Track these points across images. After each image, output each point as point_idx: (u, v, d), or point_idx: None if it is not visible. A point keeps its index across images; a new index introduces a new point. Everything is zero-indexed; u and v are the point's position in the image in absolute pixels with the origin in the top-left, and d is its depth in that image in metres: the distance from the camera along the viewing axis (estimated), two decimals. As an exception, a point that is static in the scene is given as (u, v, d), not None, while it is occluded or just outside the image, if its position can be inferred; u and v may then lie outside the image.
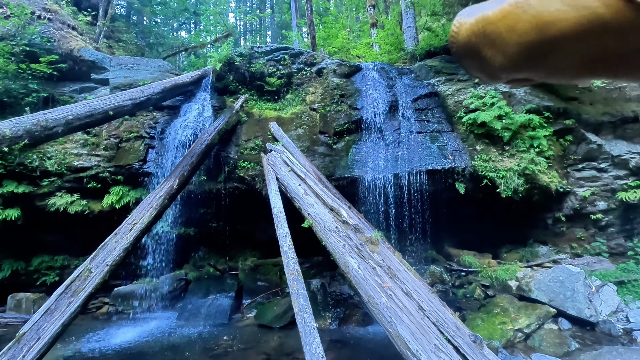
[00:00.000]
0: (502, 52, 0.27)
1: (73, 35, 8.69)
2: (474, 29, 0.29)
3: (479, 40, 0.29)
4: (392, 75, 8.09)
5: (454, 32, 0.32)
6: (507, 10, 0.26)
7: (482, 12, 0.29)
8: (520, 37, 0.25)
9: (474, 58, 0.30)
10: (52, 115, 5.11)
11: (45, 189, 6.70)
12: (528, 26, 0.25)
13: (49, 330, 3.53)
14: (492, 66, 0.29)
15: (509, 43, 0.26)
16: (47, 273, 7.27)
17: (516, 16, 0.26)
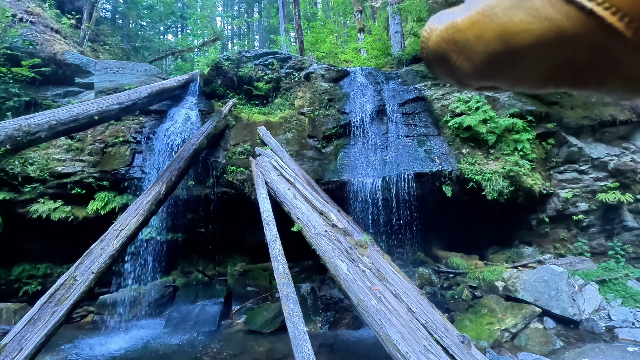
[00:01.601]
0: (470, 59, 0.27)
1: (56, 39, 8.52)
2: (443, 36, 0.30)
3: (449, 47, 0.29)
4: (379, 80, 8.19)
5: (424, 38, 0.32)
6: (475, 19, 0.27)
7: (451, 18, 0.29)
8: (486, 46, 0.26)
9: (444, 64, 0.30)
10: (35, 120, 5.00)
11: (27, 195, 6.52)
12: (494, 36, 0.25)
13: (32, 340, 3.43)
14: (460, 73, 0.29)
15: (476, 51, 0.27)
16: (28, 282, 7.05)
17: (483, 25, 0.26)
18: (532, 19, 0.22)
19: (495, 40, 0.25)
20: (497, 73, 0.27)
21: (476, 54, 0.27)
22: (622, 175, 6.70)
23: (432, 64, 0.32)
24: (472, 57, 0.27)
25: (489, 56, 0.26)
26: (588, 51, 0.20)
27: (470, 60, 0.27)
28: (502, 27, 0.24)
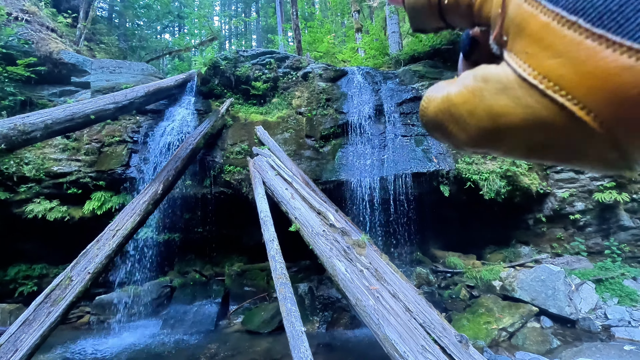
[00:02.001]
0: (464, 131, 0.29)
1: (52, 38, 8.46)
2: (440, 107, 0.32)
3: (445, 118, 0.31)
4: (377, 80, 8.19)
5: (423, 107, 0.34)
6: (467, 97, 0.29)
7: (447, 91, 0.32)
8: (478, 122, 0.28)
9: (441, 131, 0.33)
10: (31, 119, 4.96)
11: (22, 195, 6.48)
12: (484, 115, 0.27)
13: (27, 341, 3.40)
14: (456, 140, 0.32)
15: (470, 124, 0.29)
16: (24, 283, 7.00)
17: (474, 104, 0.28)
18: (515, 105, 0.25)
19: (486, 118, 0.27)
20: (488, 144, 0.29)
21: (470, 127, 0.29)
22: (619, 175, 6.72)
23: (430, 130, 0.35)
24: (466, 129, 0.30)
25: (481, 131, 0.28)
26: (565, 136, 0.23)
27: (465, 131, 0.30)
28: (490, 108, 0.27)
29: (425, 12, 0.36)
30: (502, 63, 0.27)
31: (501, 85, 0.26)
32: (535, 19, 0.24)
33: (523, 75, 0.25)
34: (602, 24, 0.21)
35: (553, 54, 0.23)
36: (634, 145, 0.21)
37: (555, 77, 0.23)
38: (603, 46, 0.21)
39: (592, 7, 0.21)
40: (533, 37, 0.25)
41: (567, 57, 0.22)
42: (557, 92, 0.23)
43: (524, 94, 0.25)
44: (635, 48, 0.19)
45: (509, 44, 0.27)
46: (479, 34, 0.33)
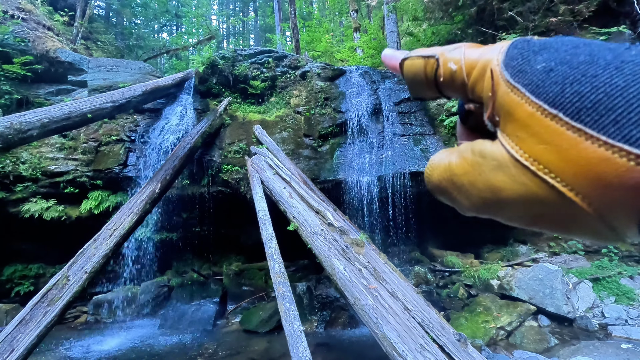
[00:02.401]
0: (467, 199, 0.32)
1: (49, 36, 8.41)
2: (443, 176, 0.34)
3: (449, 185, 0.33)
4: (375, 79, 8.19)
5: (427, 173, 0.37)
6: (467, 169, 0.31)
7: (448, 161, 0.34)
8: (479, 193, 0.30)
9: (446, 197, 0.35)
10: (27, 117, 4.92)
11: (19, 194, 6.43)
12: (484, 187, 0.29)
13: (23, 341, 3.38)
14: (460, 206, 0.34)
15: (472, 194, 0.31)
16: (20, 282, 6.96)
17: (474, 176, 0.30)
18: (512, 182, 0.27)
19: (486, 191, 0.29)
20: (490, 212, 0.31)
21: (472, 196, 0.31)
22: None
23: (436, 194, 0.37)
24: (469, 198, 0.31)
25: (482, 200, 0.30)
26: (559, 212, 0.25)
27: (468, 199, 0.32)
28: (489, 182, 0.29)
29: (422, 84, 0.37)
30: (497, 141, 0.29)
31: (497, 163, 0.28)
32: (522, 108, 0.26)
33: (516, 157, 0.27)
34: (580, 119, 0.23)
35: (540, 141, 0.25)
36: (621, 223, 0.23)
37: (545, 161, 0.25)
38: (582, 138, 0.22)
39: (569, 103, 0.23)
40: (521, 124, 0.26)
41: (553, 144, 0.24)
42: (547, 175, 0.25)
43: (518, 172, 0.26)
44: (609, 143, 0.21)
45: (501, 125, 0.29)
46: (473, 108, 0.35)
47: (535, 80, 0.26)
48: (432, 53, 0.36)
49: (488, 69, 0.30)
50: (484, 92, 0.31)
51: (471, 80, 0.32)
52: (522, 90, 0.26)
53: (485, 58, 0.31)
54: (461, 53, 0.34)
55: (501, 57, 0.29)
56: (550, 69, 0.26)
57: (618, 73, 0.22)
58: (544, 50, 0.27)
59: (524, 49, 0.28)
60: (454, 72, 0.33)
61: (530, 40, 0.29)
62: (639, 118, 0.20)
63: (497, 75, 0.29)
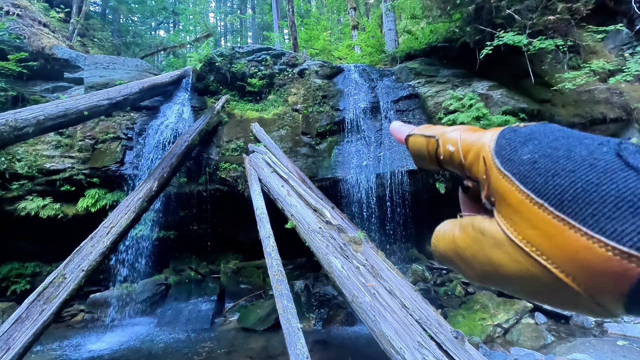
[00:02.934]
0: (471, 270, 0.33)
1: (45, 33, 8.34)
2: (448, 247, 0.36)
3: (454, 256, 0.35)
4: (373, 77, 8.18)
5: (434, 243, 0.39)
6: (468, 243, 0.33)
7: (452, 234, 0.36)
8: (482, 266, 0.32)
9: (452, 266, 0.37)
10: (22, 114, 4.87)
11: (14, 192, 6.39)
12: (485, 261, 0.31)
13: (19, 339, 3.36)
14: (466, 275, 0.35)
15: (475, 266, 0.33)
16: (17, 281, 6.93)
17: (475, 250, 0.32)
18: (509, 260, 0.28)
19: (487, 265, 0.31)
20: (493, 284, 0.33)
21: (475, 268, 0.33)
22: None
23: (442, 263, 0.39)
24: (473, 269, 0.33)
25: (485, 274, 0.32)
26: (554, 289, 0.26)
27: (472, 270, 0.33)
28: (490, 258, 0.30)
29: (425, 159, 0.41)
30: (494, 220, 0.31)
31: (495, 241, 0.30)
32: (513, 194, 0.28)
33: (511, 238, 0.28)
34: (563, 210, 0.25)
35: (531, 226, 0.27)
36: (609, 303, 0.24)
37: (536, 244, 0.26)
38: (567, 227, 0.24)
39: (553, 195, 0.26)
40: (513, 209, 0.28)
41: (542, 230, 0.26)
42: (540, 257, 0.26)
43: (514, 252, 0.28)
44: (589, 234, 0.23)
45: (497, 206, 0.31)
46: (471, 185, 0.38)
47: (522, 171, 0.28)
48: (432, 133, 0.40)
49: (482, 154, 0.33)
50: (479, 174, 0.33)
51: (467, 162, 0.35)
52: (512, 178, 0.29)
53: (479, 143, 0.34)
54: (458, 136, 0.37)
55: (492, 145, 0.32)
56: (534, 161, 0.28)
57: (592, 170, 0.25)
58: (529, 141, 0.30)
59: (511, 139, 0.31)
60: (452, 153, 0.36)
61: (516, 130, 0.32)
62: (612, 213, 0.23)
63: (489, 162, 0.31)
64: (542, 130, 0.31)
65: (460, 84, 7.60)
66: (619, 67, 6.76)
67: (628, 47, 7.63)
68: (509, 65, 7.49)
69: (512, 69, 7.52)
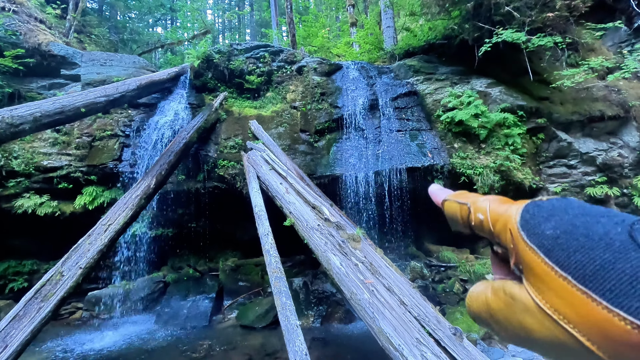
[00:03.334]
0: (504, 331, 0.35)
1: (41, 29, 8.27)
2: (482, 308, 0.38)
3: (487, 317, 0.37)
4: (372, 74, 8.16)
5: (468, 303, 0.41)
6: (501, 306, 0.35)
7: (485, 296, 0.38)
8: (514, 329, 0.33)
9: (485, 325, 0.39)
10: (19, 111, 4.85)
11: (11, 190, 6.36)
12: (517, 325, 0.33)
13: (17, 337, 3.35)
14: (499, 335, 0.38)
15: (507, 329, 0.35)
16: (14, 279, 6.90)
17: (508, 314, 0.34)
18: (540, 326, 0.30)
19: (519, 328, 0.33)
20: (525, 346, 0.34)
21: (508, 331, 0.35)
22: (610, 170, 6.81)
23: (476, 322, 0.41)
24: (506, 330, 0.35)
25: (517, 336, 0.34)
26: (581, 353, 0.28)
27: (505, 331, 0.35)
28: (521, 322, 0.32)
29: (459, 223, 0.44)
30: (523, 287, 0.33)
31: (525, 307, 0.32)
32: (540, 266, 0.30)
33: (540, 305, 0.30)
34: (584, 284, 0.27)
35: (557, 295, 0.29)
36: None
37: (563, 312, 0.28)
38: (589, 300, 0.26)
39: (575, 269, 0.28)
40: (540, 278, 0.30)
41: (567, 300, 0.28)
42: (567, 324, 0.28)
43: (543, 318, 0.30)
44: (609, 307, 0.25)
45: (525, 274, 0.33)
46: (500, 252, 0.40)
47: (546, 244, 0.30)
48: (465, 201, 0.43)
49: (508, 226, 0.35)
50: (507, 242, 0.35)
51: (496, 231, 0.37)
52: (537, 251, 0.31)
53: (506, 215, 0.36)
54: (487, 205, 0.40)
55: (518, 218, 0.34)
56: (557, 237, 0.30)
57: (608, 250, 0.27)
58: (551, 217, 0.32)
59: (535, 214, 0.33)
60: (482, 221, 0.39)
61: (539, 205, 0.34)
62: (628, 290, 0.25)
63: (515, 234, 0.34)
64: (563, 206, 0.33)
65: (458, 81, 7.59)
66: (617, 65, 6.77)
67: (626, 44, 7.63)
68: (507, 63, 7.49)
69: (511, 67, 7.51)
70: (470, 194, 0.45)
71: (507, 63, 7.49)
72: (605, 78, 7.19)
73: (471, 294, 0.41)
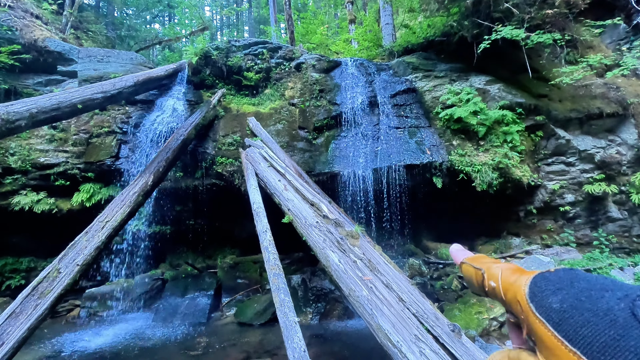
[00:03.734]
0: None
1: (37, 25, 8.20)
2: None
3: None
4: (370, 71, 8.13)
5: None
6: None
7: None
8: None
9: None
10: (15, 107, 4.80)
11: (8, 187, 6.32)
12: None
13: (14, 334, 3.33)
14: None
15: None
16: (11, 276, 6.87)
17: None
18: None
19: None
20: None
21: None
22: (608, 167, 6.82)
23: None
24: None
25: None
26: None
27: None
28: None
29: (475, 286, 0.47)
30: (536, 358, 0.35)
31: None
32: (549, 338, 0.32)
33: None
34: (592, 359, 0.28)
35: None
36: None
37: None
38: None
39: (582, 345, 0.29)
40: (551, 352, 0.32)
41: None
42: None
43: None
44: None
45: (537, 346, 0.34)
46: (512, 321, 0.42)
47: (554, 318, 0.32)
48: (479, 267, 0.46)
49: (518, 297, 0.37)
50: (518, 313, 0.37)
51: (507, 300, 0.39)
52: (546, 323, 0.33)
53: (516, 286, 0.38)
54: (499, 273, 0.42)
55: (526, 290, 0.36)
56: (564, 310, 0.32)
57: (612, 326, 0.28)
58: (558, 291, 0.34)
59: (542, 287, 0.35)
60: (494, 288, 0.41)
61: (547, 277, 0.36)
62: None
63: (525, 306, 0.36)
64: (569, 278, 0.35)
65: (457, 78, 7.58)
66: (616, 62, 6.77)
67: (625, 41, 7.63)
68: (506, 60, 7.48)
69: (510, 64, 7.50)
70: (486, 259, 0.47)
71: (506, 60, 7.48)
72: (604, 75, 7.19)
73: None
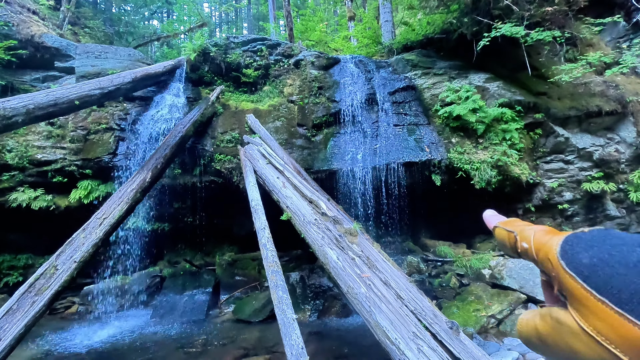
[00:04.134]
0: (553, 354, 0.39)
1: (34, 20, 8.13)
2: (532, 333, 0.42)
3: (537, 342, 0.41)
4: (370, 68, 8.10)
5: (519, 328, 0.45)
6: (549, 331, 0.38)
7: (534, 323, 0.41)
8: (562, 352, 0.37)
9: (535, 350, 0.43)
10: (11, 103, 4.76)
11: (5, 184, 6.29)
12: (565, 348, 0.36)
13: (10, 331, 3.32)
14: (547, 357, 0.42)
15: (556, 352, 0.38)
16: (9, 273, 6.85)
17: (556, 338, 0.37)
18: (585, 347, 0.33)
19: (568, 351, 0.36)
20: None
21: (557, 353, 0.38)
22: (606, 165, 6.83)
23: (527, 345, 0.44)
24: (555, 354, 0.38)
25: (567, 358, 0.36)
26: None
27: (554, 355, 0.39)
28: (569, 345, 0.35)
29: (507, 248, 0.48)
30: (568, 312, 0.36)
31: (571, 330, 0.35)
32: (579, 291, 0.33)
33: (584, 328, 0.33)
34: (621, 307, 0.30)
35: (598, 318, 0.31)
36: None
37: (604, 334, 0.31)
38: (626, 321, 0.29)
39: (611, 294, 0.30)
40: (581, 303, 0.33)
41: (607, 322, 0.31)
42: (609, 345, 0.31)
43: (588, 340, 0.33)
44: None
45: (568, 300, 0.36)
46: (545, 279, 0.44)
47: (584, 272, 0.33)
48: (512, 229, 0.47)
49: (549, 256, 0.38)
50: (549, 271, 0.39)
51: (539, 259, 0.41)
52: (576, 277, 0.34)
53: (548, 246, 0.39)
54: (531, 235, 0.43)
55: (558, 249, 0.37)
56: (594, 264, 0.33)
57: None
58: (589, 247, 0.35)
59: (573, 245, 0.36)
60: (527, 249, 0.43)
61: (580, 236, 0.37)
62: None
63: (555, 263, 0.37)
64: (602, 237, 0.36)
65: (456, 76, 7.56)
66: (615, 60, 6.76)
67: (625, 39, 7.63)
68: (505, 58, 7.46)
69: (509, 62, 7.49)
70: (519, 222, 0.49)
71: (505, 58, 7.46)
72: (603, 73, 7.19)
73: (521, 321, 0.44)
